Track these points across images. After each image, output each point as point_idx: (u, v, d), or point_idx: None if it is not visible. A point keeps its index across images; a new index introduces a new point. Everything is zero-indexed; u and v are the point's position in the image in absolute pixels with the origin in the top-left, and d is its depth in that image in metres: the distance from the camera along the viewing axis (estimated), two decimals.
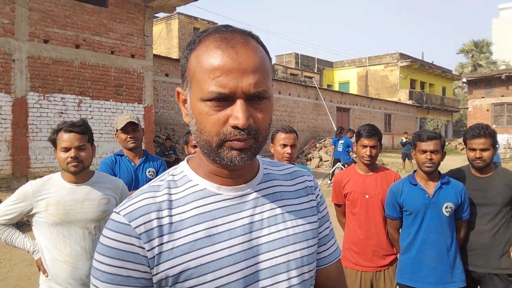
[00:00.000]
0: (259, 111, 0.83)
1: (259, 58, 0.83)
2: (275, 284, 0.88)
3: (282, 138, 2.97)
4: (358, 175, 2.94)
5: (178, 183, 0.90)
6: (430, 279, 2.61)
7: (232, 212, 0.88)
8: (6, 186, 9.38)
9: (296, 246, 0.92)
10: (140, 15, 11.97)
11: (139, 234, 0.81)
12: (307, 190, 1.01)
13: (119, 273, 0.80)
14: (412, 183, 2.69)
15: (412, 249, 2.69)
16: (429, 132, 2.67)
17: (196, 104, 0.83)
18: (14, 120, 9.59)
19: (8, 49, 9.50)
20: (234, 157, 0.82)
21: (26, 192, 2.18)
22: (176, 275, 0.81)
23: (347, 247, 2.96)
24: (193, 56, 0.84)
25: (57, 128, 2.24)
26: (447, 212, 2.58)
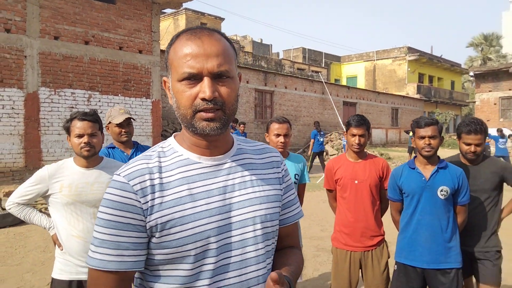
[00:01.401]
0: (224, 87, 1.03)
1: (222, 46, 1.04)
2: (243, 234, 1.09)
3: (276, 128, 3.18)
4: (348, 162, 3.14)
5: (167, 153, 1.11)
6: (424, 258, 2.76)
7: (209, 177, 1.09)
8: (20, 178, 9.70)
9: (261, 206, 1.12)
10: (148, 11, 12.20)
11: (136, 190, 1.02)
12: (273, 164, 1.22)
13: (120, 220, 1.01)
14: (411, 167, 2.86)
15: (408, 229, 2.86)
16: (426, 118, 2.83)
17: (175, 85, 1.05)
18: (27, 115, 9.90)
19: (20, 45, 9.79)
20: (204, 127, 1.02)
21: (42, 175, 2.43)
22: (164, 223, 1.02)
23: (338, 229, 3.16)
24: (171, 49, 1.07)
25: (70, 117, 2.48)
26: (442, 195, 2.73)
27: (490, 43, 41.84)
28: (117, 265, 1.01)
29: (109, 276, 1.01)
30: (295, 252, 1.27)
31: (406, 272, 2.85)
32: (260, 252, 1.11)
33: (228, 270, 1.07)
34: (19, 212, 2.49)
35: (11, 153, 9.70)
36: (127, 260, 1.01)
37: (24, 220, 2.53)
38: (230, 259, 1.07)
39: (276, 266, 1.18)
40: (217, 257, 1.05)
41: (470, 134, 2.89)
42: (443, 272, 2.75)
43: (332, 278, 3.19)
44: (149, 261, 1.06)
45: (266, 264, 1.14)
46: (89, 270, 1.04)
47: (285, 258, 1.21)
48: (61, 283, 2.40)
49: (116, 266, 1.01)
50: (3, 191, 8.57)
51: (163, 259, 1.04)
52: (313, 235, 6.64)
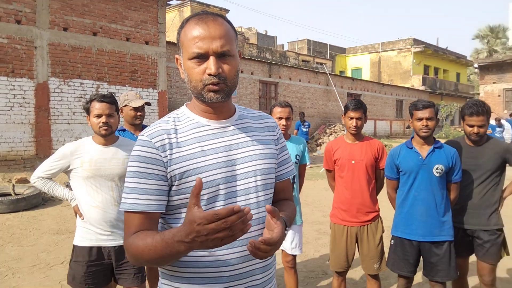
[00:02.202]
0: (226, 64, 1.24)
1: (224, 29, 1.25)
2: (247, 184, 1.31)
3: (278, 112, 3.40)
4: (345, 144, 3.35)
5: (181, 118, 1.34)
6: (420, 231, 2.96)
7: (217, 137, 1.30)
8: (31, 165, 9.99)
9: (260, 162, 1.34)
10: (154, 3, 12.39)
11: (158, 146, 1.24)
12: (269, 128, 1.45)
13: (146, 171, 1.23)
14: (408, 147, 3.05)
15: (405, 205, 3.04)
16: (423, 101, 3.01)
17: (186, 62, 1.27)
18: (37, 104, 10.17)
19: (30, 36, 10.03)
20: (211, 96, 1.24)
21: (65, 152, 2.67)
22: (181, 173, 1.24)
23: (336, 206, 3.38)
24: (182, 32, 1.29)
25: (90, 98, 2.72)
26: (437, 173, 2.92)
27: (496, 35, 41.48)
28: (145, 207, 1.22)
29: (139, 216, 1.23)
30: (288, 203, 1.49)
31: (402, 246, 3.05)
32: (260, 199, 1.33)
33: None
34: (44, 185, 2.73)
35: (22, 142, 9.98)
36: (152, 203, 1.22)
37: (47, 192, 2.78)
38: (236, 204, 1.27)
39: None
40: (225, 201, 1.27)
41: (472, 116, 3.00)
42: (437, 244, 2.95)
43: (330, 251, 3.41)
44: (169, 206, 1.27)
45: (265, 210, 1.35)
46: (124, 213, 1.26)
47: (280, 206, 1.43)
48: (82, 249, 2.63)
49: (144, 208, 1.22)
50: (15, 178, 8.86)
51: (181, 203, 1.26)
52: (315, 220, 6.88)
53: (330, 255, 3.41)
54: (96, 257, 2.62)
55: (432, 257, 2.96)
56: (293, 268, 3.49)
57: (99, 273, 2.64)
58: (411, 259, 3.02)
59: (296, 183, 3.45)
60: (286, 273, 3.53)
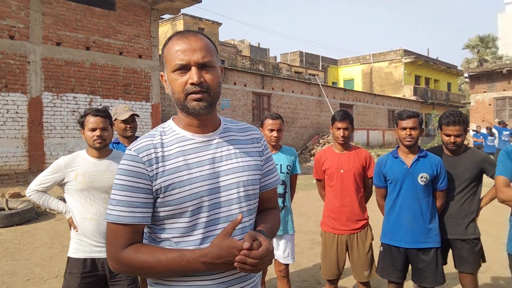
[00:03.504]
0: (208, 74, 1.30)
1: (204, 43, 1.33)
2: (229, 195, 1.35)
3: (270, 124, 3.48)
4: (334, 154, 3.43)
5: (167, 132, 1.37)
6: (407, 239, 3.02)
7: (201, 151, 1.35)
8: (24, 180, 9.97)
9: (243, 174, 1.38)
10: (147, 17, 12.52)
11: (144, 161, 1.28)
12: (254, 140, 1.49)
13: (132, 185, 1.27)
14: (394, 156, 3.13)
15: (392, 213, 3.11)
16: (408, 111, 3.09)
17: (169, 75, 1.32)
18: (30, 119, 10.18)
19: (23, 51, 10.09)
20: (194, 106, 1.28)
21: (59, 165, 2.73)
22: (166, 186, 1.28)
23: (326, 215, 3.45)
24: (165, 49, 1.35)
25: (84, 112, 2.79)
26: (422, 181, 2.98)
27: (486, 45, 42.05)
28: (130, 219, 1.26)
29: (124, 228, 1.27)
30: (272, 212, 1.55)
31: (390, 252, 3.11)
32: (243, 209, 1.38)
33: (217, 223, 1.32)
34: (38, 199, 2.78)
35: (15, 156, 9.98)
36: (138, 216, 1.27)
37: (42, 205, 2.83)
38: (219, 215, 1.34)
39: (257, 223, 1.45)
40: (209, 212, 1.32)
41: (449, 125, 3.06)
42: (424, 251, 3.01)
43: (321, 259, 3.47)
44: (155, 217, 1.32)
45: (249, 219, 1.41)
46: (108, 224, 1.30)
47: (264, 217, 1.49)
48: (77, 261, 2.67)
49: (129, 220, 1.26)
50: (8, 193, 8.84)
51: (166, 214, 1.30)
52: (308, 230, 6.92)
53: (321, 263, 3.47)
54: (90, 268, 2.66)
55: (419, 263, 3.02)
56: (286, 277, 3.54)
57: (93, 285, 2.67)
58: (399, 265, 3.09)
59: (287, 192, 3.52)
60: (279, 282, 3.57)
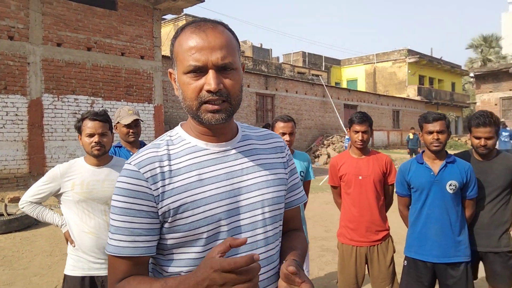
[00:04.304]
0: (228, 79, 1.05)
1: (225, 38, 1.07)
2: (252, 217, 1.12)
3: (281, 127, 3.24)
4: (351, 159, 3.19)
5: (175, 141, 1.14)
6: (434, 252, 2.76)
7: (217, 163, 1.12)
8: (24, 184, 9.76)
9: (268, 190, 1.16)
10: (149, 17, 12.32)
11: (147, 178, 1.05)
12: (277, 149, 1.26)
13: (133, 207, 1.04)
14: (419, 162, 2.86)
15: (417, 223, 2.85)
16: (434, 113, 2.82)
17: (180, 77, 1.08)
18: (30, 121, 9.98)
19: (23, 52, 9.89)
20: (210, 118, 1.05)
21: (55, 174, 2.49)
22: (176, 208, 1.05)
23: (343, 225, 3.21)
24: (176, 42, 1.10)
25: (81, 117, 2.54)
26: (451, 189, 2.72)
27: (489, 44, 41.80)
28: (131, 250, 1.04)
29: (124, 261, 1.05)
30: (299, 235, 1.31)
31: (416, 267, 2.86)
32: (269, 234, 1.15)
33: (238, 252, 1.08)
34: (32, 211, 2.54)
35: (15, 160, 9.77)
36: (140, 246, 1.05)
37: (37, 218, 2.59)
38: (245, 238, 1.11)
39: (283, 249, 1.21)
40: None
41: (479, 127, 2.84)
42: (453, 266, 2.76)
43: (338, 273, 3.23)
44: (162, 246, 1.09)
45: (275, 245, 1.18)
46: (108, 256, 1.08)
47: (292, 241, 1.25)
48: (74, 279, 2.44)
49: (130, 252, 1.04)
50: (8, 197, 8.62)
51: (176, 242, 1.08)
52: (317, 236, 6.67)
53: (339, 276, 3.22)
54: (89, 287, 2.43)
55: (448, 280, 2.77)
56: None
57: None
58: (426, 282, 2.83)
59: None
60: None
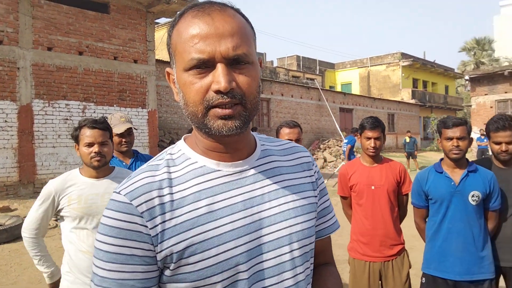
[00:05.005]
0: (242, 75, 0.82)
1: (237, 23, 0.83)
2: (278, 257, 0.89)
3: (287, 133, 3.02)
4: (363, 167, 2.97)
5: (177, 161, 0.91)
6: (456, 269, 2.55)
7: (232, 188, 0.88)
8: (14, 192, 9.45)
9: (297, 220, 0.92)
10: (142, 21, 12.07)
11: (141, 212, 0.82)
12: (303, 166, 1.02)
13: (122, 252, 0.81)
14: (438, 171, 2.64)
15: (437, 238, 2.63)
16: (454, 118, 2.61)
17: (181, 76, 0.84)
18: (20, 128, 9.68)
19: (12, 57, 9.60)
20: (220, 127, 0.82)
21: (49, 190, 2.25)
22: (181, 251, 0.82)
23: (355, 238, 2.98)
24: (174, 31, 0.86)
25: (79, 125, 2.31)
26: (473, 200, 2.52)
27: (482, 47, 42.03)
28: None
29: None
30: (332, 271, 1.08)
31: (436, 285, 2.64)
32: (299, 277, 0.92)
33: None
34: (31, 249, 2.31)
35: (4, 167, 9.45)
36: None
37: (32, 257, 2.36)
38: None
39: None
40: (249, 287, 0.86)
41: (498, 131, 2.65)
42: (477, 283, 2.54)
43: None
44: None
45: None
46: None
47: (325, 282, 1.01)
48: None
49: None
50: None
51: None
52: None
53: None
54: None
55: None
56: None
57: None
58: None
59: None
60: None
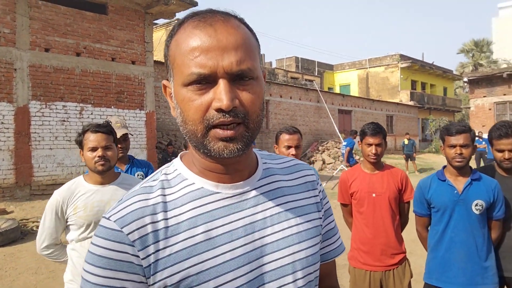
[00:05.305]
0: (246, 92, 0.77)
1: (241, 35, 0.78)
2: (282, 286, 0.83)
3: (286, 140, 2.96)
4: (364, 174, 2.92)
5: (172, 182, 0.85)
6: (459, 280, 2.50)
7: (232, 212, 0.82)
8: (10, 195, 9.37)
9: (301, 245, 0.87)
10: (140, 22, 12.00)
11: (133, 241, 0.76)
12: (308, 186, 0.96)
13: (111, 284, 0.75)
14: (441, 179, 2.59)
15: (440, 248, 2.59)
16: (458, 125, 2.56)
17: (179, 91, 0.78)
18: (17, 129, 9.60)
19: (9, 58, 9.53)
20: (221, 149, 0.76)
21: (56, 201, 2.23)
22: (176, 283, 0.76)
23: (355, 247, 2.93)
24: (173, 42, 0.80)
25: (83, 129, 2.31)
26: (477, 210, 2.47)
27: (480, 49, 42.10)
28: None
29: None
30: None
31: None
32: None
33: None
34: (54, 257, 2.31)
35: (0, 169, 9.39)
36: None
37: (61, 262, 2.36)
38: None
39: None
40: None
41: (501, 138, 2.59)
42: None
43: None
44: None
45: None
46: None
47: None
48: None
49: None
50: None
51: None
52: None
53: None
54: None
55: None
56: None
57: None
58: None
59: None
60: None
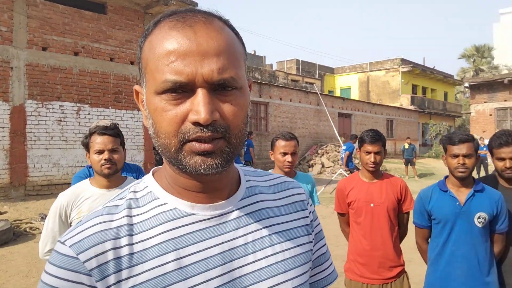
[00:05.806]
0: (228, 104, 0.67)
1: (225, 39, 0.68)
2: None
3: (282, 146, 2.86)
4: (362, 183, 2.81)
5: (141, 201, 0.74)
6: None
7: (209, 236, 0.72)
8: (4, 195, 9.26)
9: (286, 275, 0.76)
10: (140, 22, 11.91)
11: (90, 270, 0.66)
12: (296, 206, 0.86)
13: None
14: (442, 190, 2.50)
15: (440, 261, 2.50)
16: (460, 134, 2.48)
17: (151, 99, 0.68)
18: (12, 128, 9.50)
19: (6, 56, 9.43)
20: (198, 164, 0.66)
21: (60, 205, 2.18)
22: None
23: (352, 259, 2.82)
24: (146, 43, 0.70)
25: (89, 132, 2.25)
26: (479, 222, 2.38)
27: (482, 55, 42.11)
28: None
29: None
30: None
31: None
32: None
33: None
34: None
35: None
36: None
37: None
38: None
39: None
40: None
41: (501, 147, 2.51)
42: None
43: None
44: None
45: None
46: None
47: None
48: None
49: None
50: None
51: None
52: None
53: None
54: None
55: None
56: None
57: None
58: None
59: None
60: None
